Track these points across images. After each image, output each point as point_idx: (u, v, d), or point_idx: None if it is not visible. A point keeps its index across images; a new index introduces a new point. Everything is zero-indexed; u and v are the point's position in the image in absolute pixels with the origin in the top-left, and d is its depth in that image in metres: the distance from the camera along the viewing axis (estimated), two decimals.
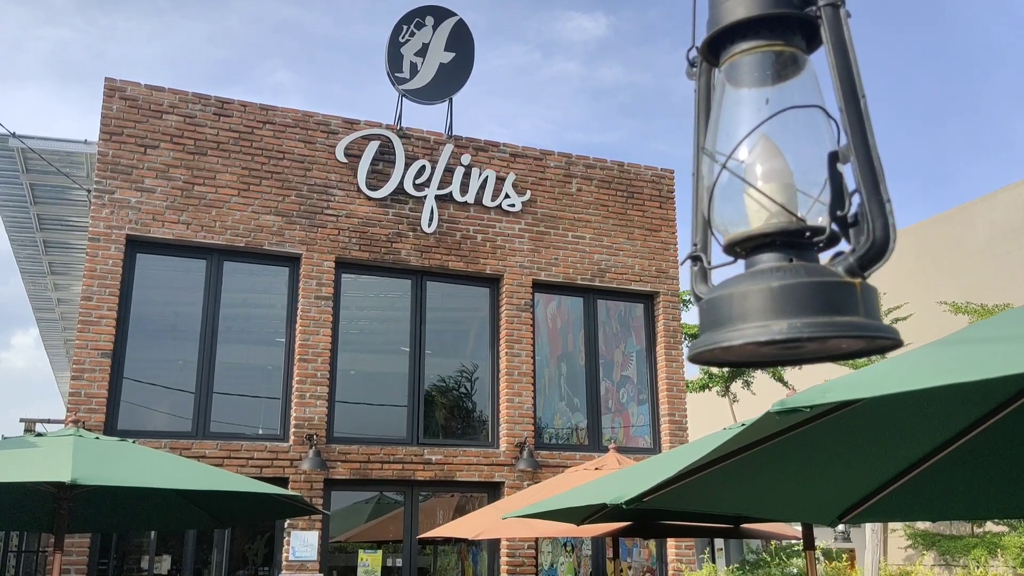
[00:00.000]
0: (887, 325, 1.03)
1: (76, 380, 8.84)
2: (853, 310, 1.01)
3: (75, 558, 8.43)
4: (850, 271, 1.03)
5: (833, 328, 0.98)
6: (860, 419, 3.26)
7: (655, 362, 11.45)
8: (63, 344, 14.57)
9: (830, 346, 1.04)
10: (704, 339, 1.07)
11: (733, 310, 1.03)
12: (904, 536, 14.26)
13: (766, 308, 1.00)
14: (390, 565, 9.93)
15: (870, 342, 1.04)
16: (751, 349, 1.03)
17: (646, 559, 10.97)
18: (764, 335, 0.99)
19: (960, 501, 4.26)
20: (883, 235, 1.03)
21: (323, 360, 9.83)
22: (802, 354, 1.09)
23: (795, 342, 1.00)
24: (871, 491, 4.06)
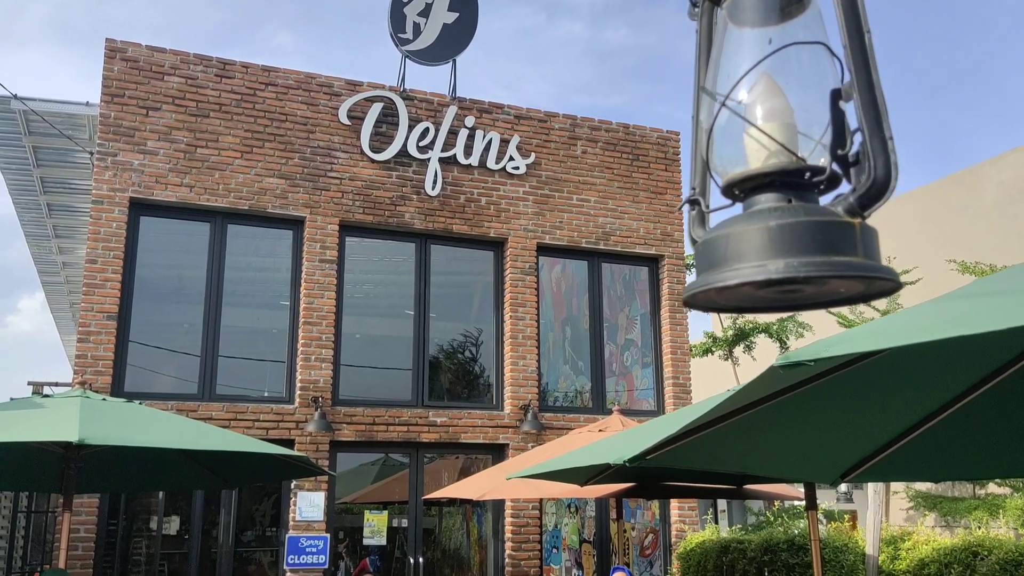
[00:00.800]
0: (886, 266, 1.01)
1: (82, 343, 8.88)
2: (852, 250, 0.99)
3: (84, 518, 8.53)
4: (850, 211, 1.01)
5: (831, 268, 0.97)
6: (862, 379, 3.25)
7: (659, 325, 11.45)
8: (69, 308, 14.61)
9: (828, 289, 1.02)
10: (699, 280, 1.05)
11: (729, 250, 1.01)
12: (906, 498, 14.35)
13: (763, 248, 0.99)
14: (396, 526, 10.03)
15: (868, 284, 1.02)
16: (748, 292, 1.01)
17: (649, 520, 11.07)
18: (761, 275, 0.97)
19: (963, 461, 4.27)
20: (884, 173, 1.01)
21: (327, 323, 9.85)
22: (800, 298, 1.07)
23: (792, 283, 0.98)
24: (874, 451, 4.07)
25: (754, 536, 8.68)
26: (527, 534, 10.14)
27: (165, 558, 9.55)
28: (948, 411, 3.74)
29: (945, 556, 6.40)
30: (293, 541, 9.08)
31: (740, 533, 9.20)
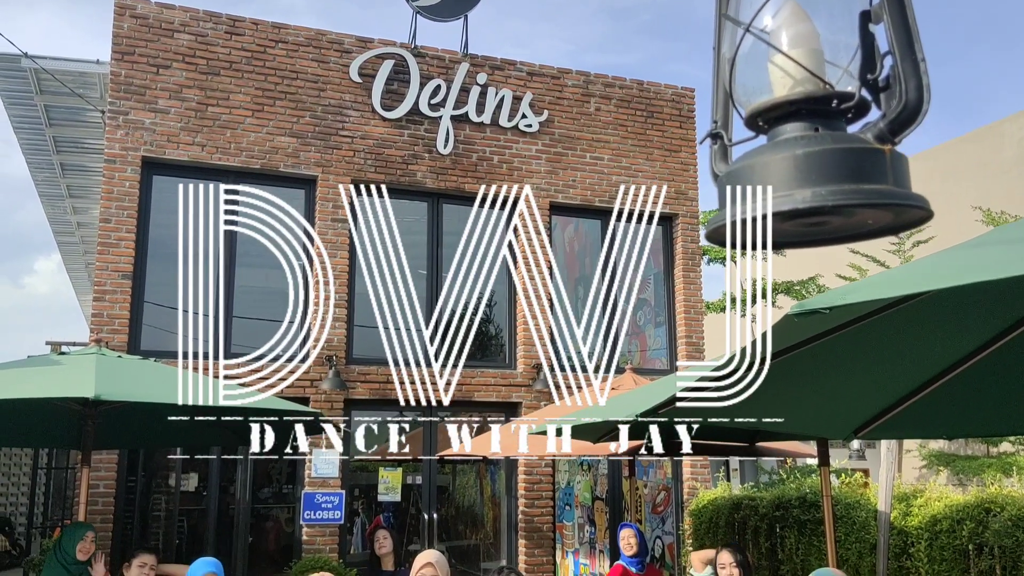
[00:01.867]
0: (917, 194, 0.98)
1: (98, 301, 8.93)
2: (881, 178, 0.95)
3: (103, 474, 8.65)
4: (880, 137, 0.97)
5: (860, 196, 0.93)
6: (876, 334, 3.22)
7: (673, 284, 11.41)
8: (84, 268, 14.69)
9: (856, 220, 0.99)
10: (723, 214, 1.02)
11: (755, 181, 0.98)
12: (919, 457, 14.38)
13: (789, 177, 0.95)
14: (410, 483, 10.13)
15: (898, 214, 0.99)
16: (774, 225, 0.98)
17: (662, 478, 11.13)
18: (787, 204, 0.94)
19: (977, 417, 4.25)
20: (916, 96, 0.97)
21: (341, 283, 9.86)
22: (826, 232, 1.04)
23: (819, 213, 0.95)
24: (887, 406, 4.06)
25: (766, 493, 8.71)
26: (540, 491, 10.22)
27: (184, 514, 9.70)
28: (963, 366, 3.71)
29: (957, 513, 6.40)
30: (309, 497, 9.18)
31: (752, 491, 9.24)
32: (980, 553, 6.27)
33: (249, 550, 9.45)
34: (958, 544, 6.32)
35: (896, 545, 6.73)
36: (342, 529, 9.46)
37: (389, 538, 6.32)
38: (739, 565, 4.91)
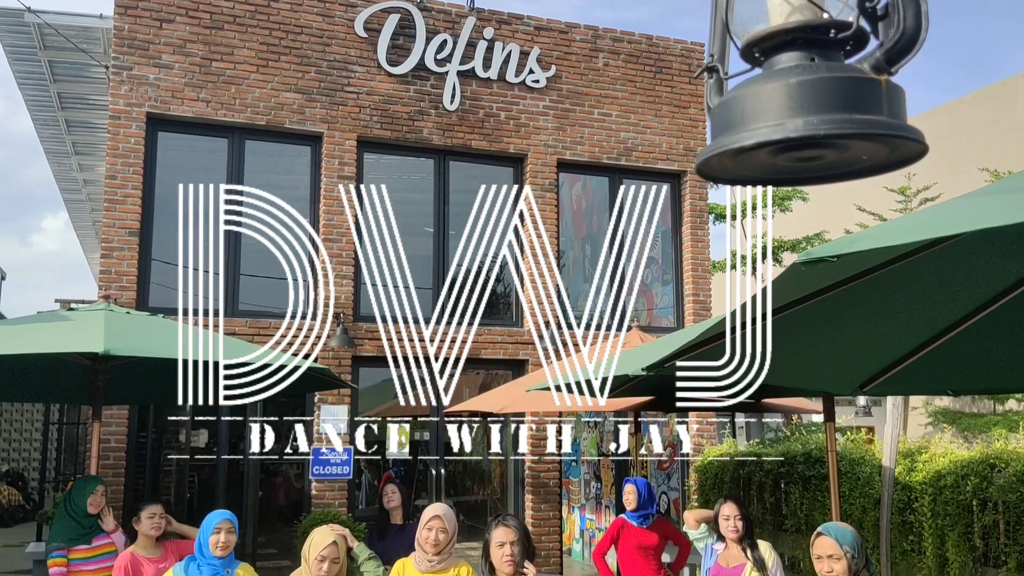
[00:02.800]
0: (912, 126, 0.96)
1: (105, 258, 8.95)
2: (876, 108, 0.93)
3: (114, 429, 8.75)
4: (876, 67, 0.95)
5: (853, 125, 0.91)
6: (883, 288, 3.20)
7: (680, 242, 11.36)
8: (92, 225, 14.71)
9: (850, 155, 0.97)
10: (714, 144, 1.00)
11: (746, 110, 0.96)
12: (925, 414, 14.42)
13: (783, 106, 0.93)
14: (417, 439, 10.22)
15: (893, 148, 0.97)
16: (765, 158, 0.96)
17: (667, 435, 11.20)
18: (779, 133, 0.92)
19: (984, 373, 4.24)
20: (915, 24, 0.94)
21: (347, 240, 9.85)
22: (820, 167, 1.02)
23: (812, 143, 0.93)
24: (893, 361, 4.05)
25: (771, 449, 8.76)
26: (546, 446, 10.30)
27: (194, 470, 9.83)
28: (970, 321, 3.69)
29: (962, 468, 6.42)
30: (317, 453, 9.28)
31: (758, 447, 9.29)
32: (984, 508, 6.31)
33: (259, 505, 9.58)
34: (962, 499, 6.35)
35: (900, 500, 6.78)
36: (350, 484, 9.57)
37: (398, 492, 6.38)
38: (743, 518, 4.94)
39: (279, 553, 9.53)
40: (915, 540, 6.70)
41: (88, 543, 5.62)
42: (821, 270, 2.32)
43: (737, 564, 4.88)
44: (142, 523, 5.29)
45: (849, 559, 3.30)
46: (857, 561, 3.32)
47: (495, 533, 3.66)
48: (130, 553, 5.16)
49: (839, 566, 3.29)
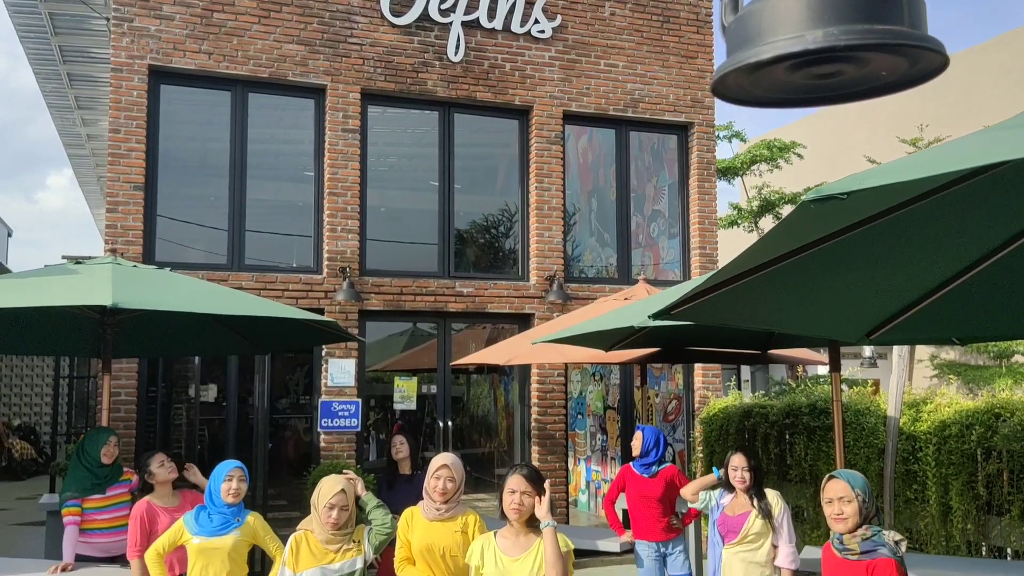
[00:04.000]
0: (933, 36, 0.93)
1: (111, 213, 8.95)
2: (896, 18, 0.91)
3: (124, 382, 8.82)
4: None
5: (874, 35, 0.89)
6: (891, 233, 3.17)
7: (687, 195, 11.30)
8: (97, 181, 14.69)
9: (869, 71, 0.95)
10: (730, 60, 0.98)
11: (764, 23, 0.94)
12: (930, 367, 14.45)
13: (802, 17, 0.91)
14: (424, 392, 10.28)
15: (913, 61, 0.95)
16: (782, 76, 0.94)
17: (673, 388, 11.26)
18: (798, 45, 0.90)
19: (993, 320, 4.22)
20: None
21: (352, 194, 9.82)
22: (838, 84, 1.00)
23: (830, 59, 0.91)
24: (900, 309, 4.04)
25: (776, 401, 8.79)
26: (552, 399, 10.37)
27: (204, 424, 9.92)
28: (981, 266, 3.67)
29: (967, 418, 6.45)
30: (326, 406, 9.36)
31: (763, 399, 9.33)
32: (988, 457, 6.35)
33: (269, 458, 9.69)
34: (966, 448, 6.39)
35: (904, 450, 6.82)
36: (359, 436, 9.66)
37: (406, 443, 6.43)
38: (751, 469, 4.98)
39: (289, 504, 9.66)
40: (919, 489, 6.75)
41: (102, 492, 5.70)
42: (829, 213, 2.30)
43: (742, 512, 4.94)
44: (155, 474, 5.36)
45: (860, 502, 3.32)
46: (868, 506, 3.33)
47: (509, 480, 3.70)
48: (146, 502, 5.24)
49: (850, 508, 3.31)
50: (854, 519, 3.31)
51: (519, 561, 3.59)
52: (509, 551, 3.63)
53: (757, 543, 4.87)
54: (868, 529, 3.32)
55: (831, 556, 3.42)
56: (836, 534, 3.37)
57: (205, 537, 4.61)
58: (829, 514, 3.35)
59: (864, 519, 3.33)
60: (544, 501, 3.60)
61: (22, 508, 13.69)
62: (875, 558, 3.25)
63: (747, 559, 4.85)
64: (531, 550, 3.60)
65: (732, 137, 17.14)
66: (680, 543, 6.31)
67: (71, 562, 5.37)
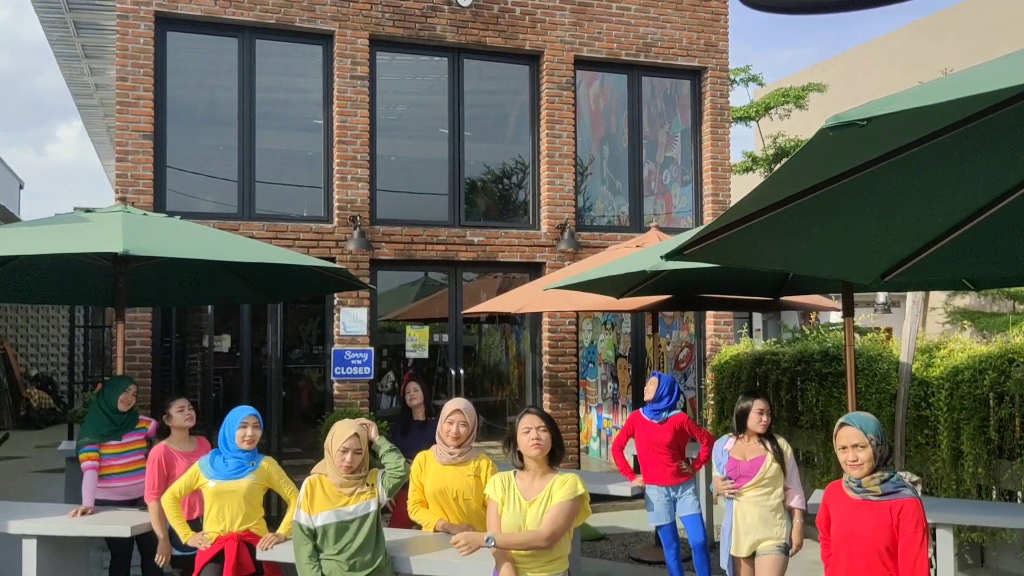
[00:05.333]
0: None
1: (120, 162, 8.92)
2: None
3: (139, 331, 8.88)
4: None
5: None
6: (908, 173, 3.11)
7: (700, 141, 11.17)
8: (106, 132, 14.63)
9: None
10: None
11: None
12: (943, 314, 14.38)
13: None
14: (436, 342, 10.32)
15: None
16: None
17: (685, 335, 11.26)
18: None
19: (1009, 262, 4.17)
20: None
21: (362, 142, 9.75)
22: None
23: None
24: (915, 250, 3.99)
25: (788, 348, 8.78)
26: (564, 347, 10.40)
27: (219, 374, 10.00)
28: (996, 207, 3.61)
29: (980, 363, 6.43)
30: (339, 354, 9.41)
31: (775, 346, 9.32)
32: (1000, 402, 6.34)
33: (283, 406, 9.78)
34: (979, 393, 6.39)
35: (916, 395, 6.82)
36: (372, 384, 9.73)
37: (420, 390, 6.48)
38: (767, 413, 5.00)
39: (304, 452, 9.77)
40: (930, 434, 6.77)
41: (118, 439, 5.77)
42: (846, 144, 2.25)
43: (756, 457, 4.94)
44: (173, 418, 5.43)
45: (873, 447, 3.31)
46: (881, 449, 3.33)
47: (521, 422, 3.72)
48: (164, 446, 5.31)
49: (864, 454, 3.30)
50: (869, 464, 3.31)
51: (533, 504, 3.63)
52: (526, 493, 3.67)
53: (771, 487, 4.90)
54: (885, 471, 3.32)
55: (843, 498, 3.42)
56: (851, 478, 3.37)
57: (221, 481, 4.68)
58: (844, 460, 3.35)
59: (879, 462, 3.33)
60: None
61: (41, 456, 13.93)
62: (899, 499, 3.25)
63: (762, 503, 4.88)
64: (542, 494, 3.63)
65: (749, 81, 16.88)
66: (690, 487, 6.37)
67: (91, 506, 5.47)
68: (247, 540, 4.65)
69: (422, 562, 4.16)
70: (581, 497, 3.63)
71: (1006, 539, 6.49)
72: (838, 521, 3.40)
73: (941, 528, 5.13)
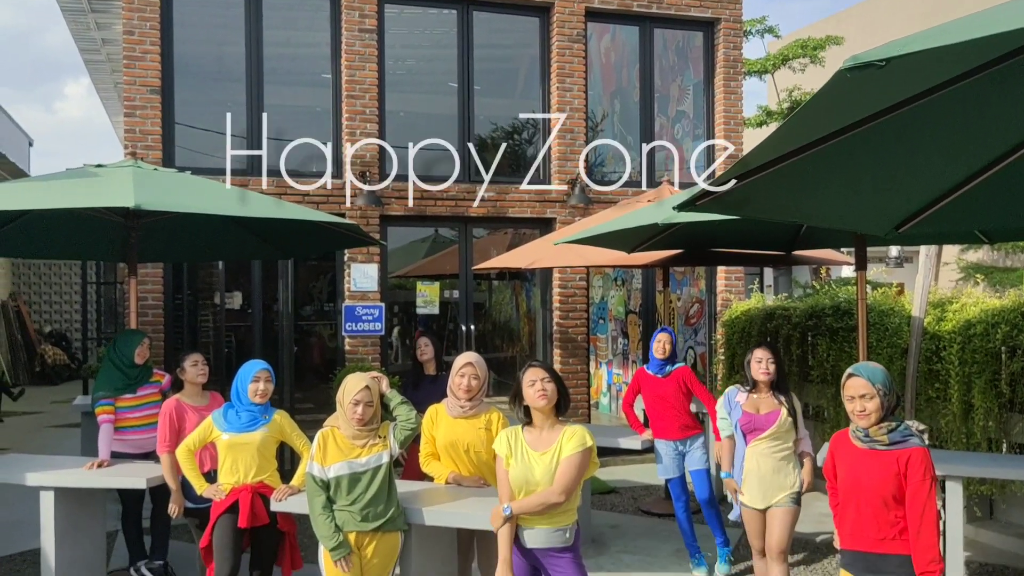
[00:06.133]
0: None
1: (129, 117, 8.88)
2: None
3: (150, 287, 8.92)
4: None
5: None
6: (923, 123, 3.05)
7: (713, 95, 11.02)
8: (114, 88, 14.54)
9: None
10: None
11: None
12: (956, 268, 14.30)
13: None
14: (447, 298, 10.33)
15: None
16: None
17: (696, 291, 11.23)
18: None
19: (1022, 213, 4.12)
20: None
21: (371, 96, 9.67)
22: None
23: None
24: (930, 201, 3.94)
25: (799, 303, 8.75)
26: (574, 303, 10.39)
27: (231, 330, 10.05)
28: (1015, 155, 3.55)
29: (993, 317, 6.39)
30: (350, 310, 9.44)
31: (786, 301, 9.29)
32: (1013, 356, 6.32)
33: (294, 362, 9.84)
34: (991, 347, 6.36)
35: (927, 349, 6.80)
36: (383, 340, 9.77)
37: (431, 345, 6.49)
38: (774, 362, 4.98)
39: (316, 408, 9.86)
40: (940, 388, 6.76)
41: (133, 392, 5.83)
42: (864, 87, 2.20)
43: (770, 411, 4.94)
44: (187, 372, 5.46)
45: (881, 397, 3.31)
46: (889, 398, 3.32)
47: (526, 375, 3.72)
48: (176, 400, 5.35)
49: (872, 404, 3.30)
50: (877, 414, 3.31)
51: (543, 456, 3.64)
52: (534, 445, 3.69)
53: (785, 439, 4.92)
54: (892, 421, 3.32)
55: (849, 448, 3.42)
56: (858, 427, 3.37)
57: (234, 433, 4.72)
58: (851, 411, 3.35)
59: (887, 412, 3.33)
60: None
61: (57, 411, 14.11)
62: (907, 448, 3.26)
63: (776, 455, 4.90)
64: (553, 446, 3.65)
65: (765, 32, 16.61)
66: (698, 440, 6.40)
67: (107, 458, 5.54)
68: (261, 492, 4.71)
69: (434, 513, 4.20)
70: (589, 449, 3.65)
71: (1015, 492, 6.51)
72: (845, 471, 3.41)
73: (950, 480, 5.15)
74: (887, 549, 3.27)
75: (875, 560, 3.30)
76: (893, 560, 3.27)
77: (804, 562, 6.41)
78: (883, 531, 3.27)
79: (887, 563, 3.28)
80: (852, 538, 3.37)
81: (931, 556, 3.14)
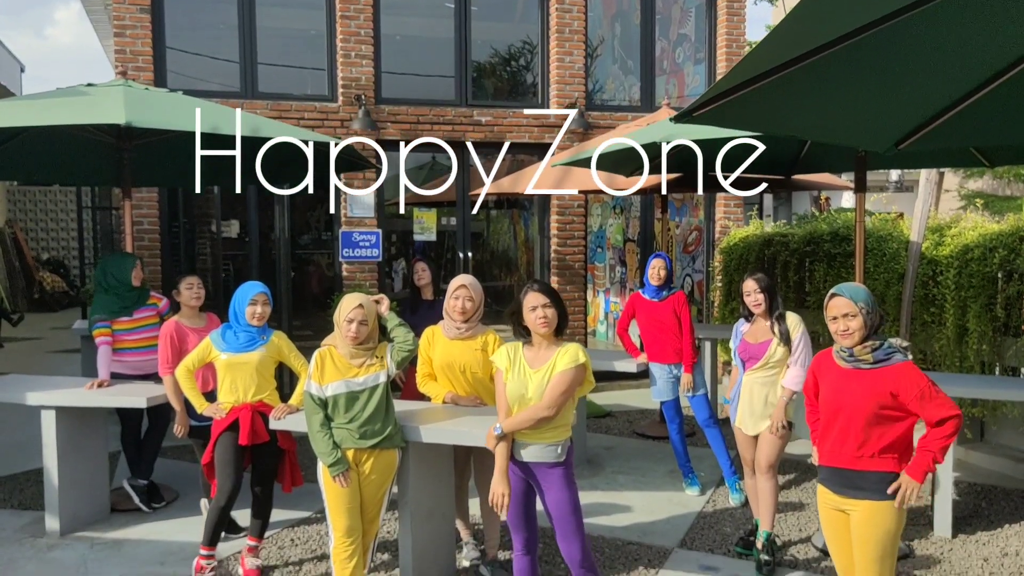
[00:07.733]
0: None
1: (119, 37, 8.71)
2: None
3: (146, 211, 8.87)
4: None
5: None
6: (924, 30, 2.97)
7: (715, 16, 10.79)
8: (104, 10, 14.22)
9: None
10: None
11: None
12: (957, 197, 14.24)
13: None
14: (444, 226, 10.28)
15: None
16: None
17: (694, 219, 11.19)
18: None
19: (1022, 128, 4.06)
20: None
21: (365, 17, 9.46)
22: None
23: None
24: (932, 116, 3.88)
25: (798, 229, 8.72)
26: (572, 231, 10.36)
27: (228, 259, 10.03)
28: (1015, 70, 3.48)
29: (991, 241, 6.38)
30: (347, 236, 9.40)
31: (785, 227, 9.26)
32: (1009, 279, 6.33)
33: (292, 289, 9.85)
34: (988, 271, 6.36)
35: (924, 274, 6.80)
36: (380, 266, 9.76)
37: (428, 270, 6.49)
38: (764, 291, 4.96)
39: (314, 335, 9.90)
40: (936, 312, 6.78)
41: (129, 315, 5.84)
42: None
43: (763, 340, 4.95)
44: (182, 294, 5.47)
45: (864, 315, 3.30)
46: (871, 317, 3.32)
47: (527, 298, 3.71)
48: (175, 322, 5.37)
49: (855, 323, 3.30)
50: (860, 332, 3.30)
51: (538, 372, 3.67)
52: (532, 362, 3.71)
53: (777, 368, 4.93)
54: (875, 340, 3.32)
55: (833, 367, 3.43)
56: (842, 347, 3.38)
57: (232, 353, 4.74)
58: (835, 331, 3.34)
59: (871, 331, 3.32)
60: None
61: (57, 337, 14.18)
62: (891, 364, 3.27)
63: (769, 385, 4.93)
64: (547, 363, 3.67)
65: None
66: (695, 366, 6.43)
67: (107, 379, 5.58)
68: (260, 410, 4.76)
69: (431, 430, 4.25)
70: (582, 366, 3.66)
71: (1007, 414, 6.60)
72: (828, 390, 3.41)
73: None
74: (865, 466, 3.31)
75: (853, 476, 3.34)
76: (872, 477, 3.30)
77: (795, 482, 6.53)
78: (863, 449, 3.30)
79: (865, 480, 3.32)
80: (831, 455, 3.41)
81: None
